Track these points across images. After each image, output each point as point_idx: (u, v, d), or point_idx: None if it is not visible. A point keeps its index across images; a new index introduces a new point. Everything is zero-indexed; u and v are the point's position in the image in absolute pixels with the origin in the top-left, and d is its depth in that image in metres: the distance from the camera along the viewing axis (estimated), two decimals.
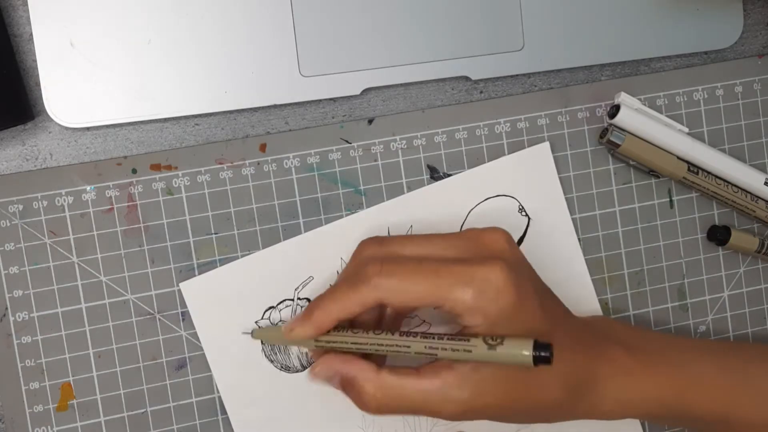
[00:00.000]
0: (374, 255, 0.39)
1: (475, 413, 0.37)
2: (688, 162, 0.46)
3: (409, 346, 0.37)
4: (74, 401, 0.43)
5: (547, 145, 0.46)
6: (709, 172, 0.47)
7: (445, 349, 0.36)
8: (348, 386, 0.38)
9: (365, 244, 0.40)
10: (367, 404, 0.38)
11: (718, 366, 0.42)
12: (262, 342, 0.44)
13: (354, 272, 0.39)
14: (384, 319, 0.41)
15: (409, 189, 0.45)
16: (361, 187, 0.45)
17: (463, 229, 0.44)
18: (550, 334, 0.37)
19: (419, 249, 0.39)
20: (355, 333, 0.38)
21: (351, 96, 0.45)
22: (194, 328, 0.43)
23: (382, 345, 0.37)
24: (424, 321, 0.45)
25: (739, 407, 0.41)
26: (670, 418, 0.43)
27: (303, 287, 0.44)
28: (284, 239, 0.44)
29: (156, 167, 0.43)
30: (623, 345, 0.41)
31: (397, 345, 0.37)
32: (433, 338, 0.36)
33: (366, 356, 0.39)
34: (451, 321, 0.38)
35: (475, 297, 0.36)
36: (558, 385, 0.38)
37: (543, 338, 0.35)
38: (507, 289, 0.36)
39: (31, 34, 0.42)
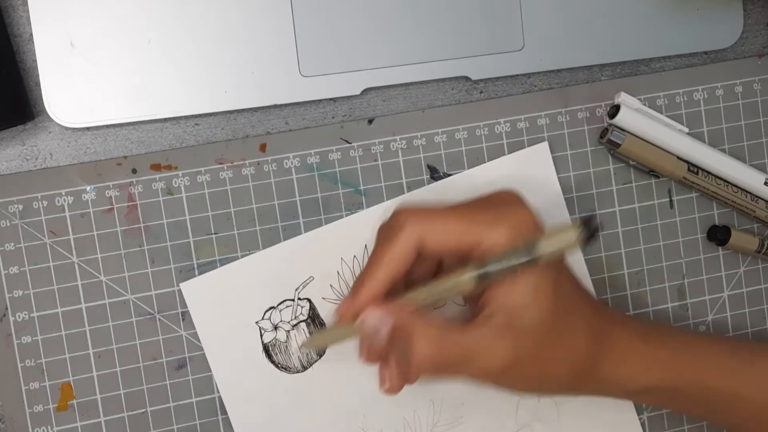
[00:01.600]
0: (404, 209, 0.39)
1: (511, 371, 0.37)
2: (688, 162, 0.46)
3: (464, 274, 0.36)
4: (74, 401, 0.43)
5: (546, 144, 0.46)
6: (709, 172, 0.47)
7: (500, 262, 0.36)
8: (399, 336, 0.37)
9: (395, 209, 0.39)
10: (416, 358, 0.36)
11: (728, 349, 0.43)
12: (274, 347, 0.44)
13: (386, 230, 0.39)
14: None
15: (409, 189, 0.45)
16: (361, 187, 0.45)
17: None
18: (574, 288, 0.39)
19: (447, 205, 0.39)
20: (407, 291, 0.38)
21: (351, 96, 0.45)
22: (194, 328, 0.43)
23: (435, 289, 0.37)
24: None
25: (746, 387, 0.42)
26: (679, 396, 0.43)
27: (303, 287, 0.44)
28: (284, 239, 0.44)
29: (156, 167, 0.43)
30: (635, 321, 0.42)
31: (451, 279, 0.36)
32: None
33: None
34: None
35: (509, 233, 0.36)
36: (585, 336, 0.39)
37: (566, 287, 0.38)
38: (536, 224, 0.37)
39: (31, 34, 0.42)
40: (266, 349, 0.44)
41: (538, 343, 0.37)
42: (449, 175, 0.45)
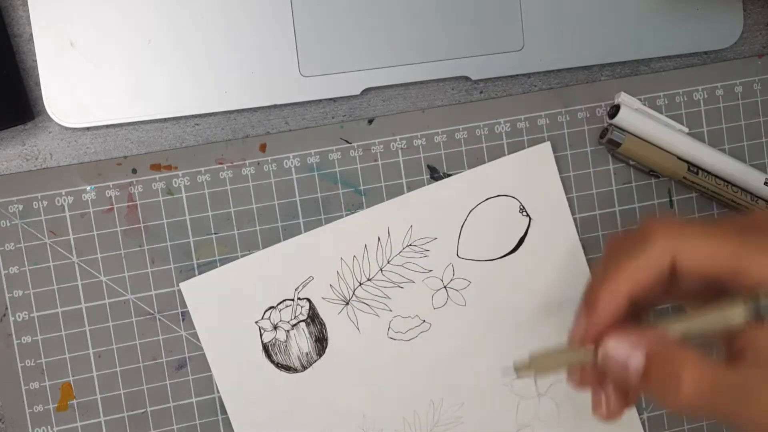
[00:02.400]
0: (656, 220, 0.33)
1: None
2: (688, 162, 0.46)
3: (735, 308, 0.30)
4: (74, 401, 0.43)
5: (548, 145, 0.46)
6: (709, 172, 0.47)
7: None
8: (656, 369, 0.31)
9: (644, 221, 0.34)
10: (687, 394, 0.30)
11: None
12: (266, 351, 0.44)
13: (626, 241, 0.33)
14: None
15: (409, 189, 0.45)
16: (361, 187, 0.45)
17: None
18: None
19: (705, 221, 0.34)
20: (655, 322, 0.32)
21: (351, 96, 0.45)
22: (194, 328, 0.43)
23: (696, 322, 0.31)
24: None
25: None
26: None
27: (303, 287, 0.44)
28: (284, 239, 0.44)
29: (156, 167, 0.43)
30: None
31: (718, 313, 0.31)
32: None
33: None
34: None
35: None
36: None
37: None
38: None
39: (31, 34, 0.42)
40: (266, 348, 0.44)
41: None
42: (449, 175, 0.45)
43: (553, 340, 0.38)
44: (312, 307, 0.44)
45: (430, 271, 0.45)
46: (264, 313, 0.44)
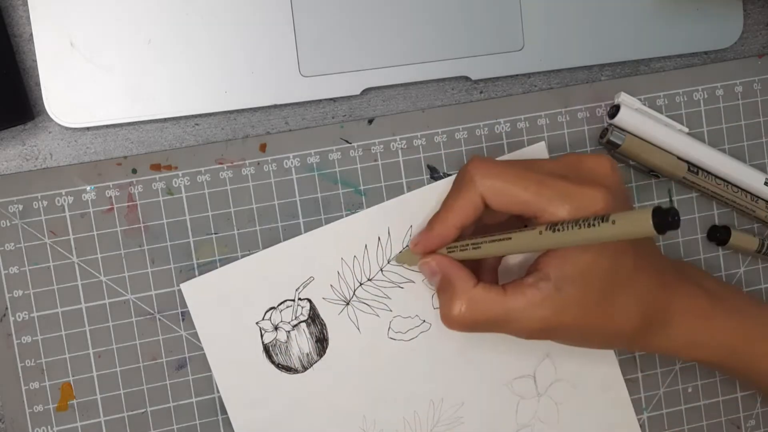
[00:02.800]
0: (480, 159, 0.39)
1: (550, 332, 0.39)
2: (688, 162, 0.46)
3: (533, 230, 0.36)
4: (74, 401, 0.43)
5: (543, 144, 0.46)
6: (709, 172, 0.47)
7: (570, 228, 0.35)
8: (443, 290, 0.40)
9: (473, 156, 0.41)
10: (450, 315, 0.39)
11: None
12: (264, 342, 0.44)
13: (459, 178, 0.40)
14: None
15: (409, 189, 0.45)
16: (361, 187, 0.45)
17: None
18: (636, 263, 0.38)
19: (527, 164, 0.39)
20: (475, 237, 0.39)
21: (351, 96, 0.45)
22: (194, 328, 0.43)
23: (502, 238, 0.37)
24: None
25: None
26: (729, 368, 0.44)
27: (303, 287, 0.44)
28: (284, 239, 0.44)
29: (156, 167, 0.43)
30: (703, 289, 0.42)
31: (518, 235, 0.37)
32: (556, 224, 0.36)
33: (475, 270, 0.40)
34: None
35: (571, 214, 0.36)
36: (636, 311, 0.39)
37: (627, 265, 0.37)
38: (606, 210, 0.36)
39: (31, 34, 0.42)
40: (266, 349, 0.44)
41: (581, 314, 0.38)
42: (449, 175, 0.45)
43: None
44: (312, 308, 0.44)
45: None
46: (264, 313, 0.44)
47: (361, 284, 0.44)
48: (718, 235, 0.47)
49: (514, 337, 0.39)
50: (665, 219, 0.30)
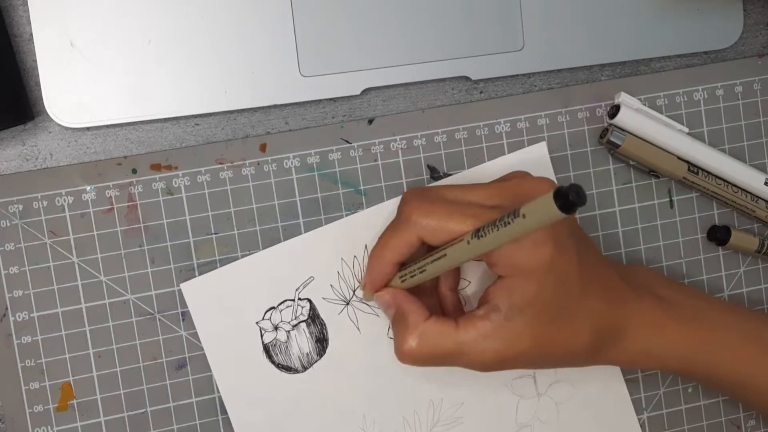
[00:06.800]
0: (415, 197, 0.40)
1: (504, 363, 0.38)
2: (688, 162, 0.46)
3: (462, 242, 0.37)
4: (74, 401, 0.43)
5: (544, 144, 0.46)
6: (709, 172, 0.47)
7: (491, 231, 0.35)
8: (397, 323, 0.40)
9: (408, 191, 0.41)
10: (402, 349, 0.39)
11: (745, 334, 0.43)
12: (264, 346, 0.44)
13: (397, 216, 0.40)
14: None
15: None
16: (361, 187, 0.45)
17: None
18: (582, 286, 0.38)
19: (461, 194, 0.39)
20: (419, 261, 0.39)
21: (351, 96, 0.45)
22: (194, 328, 0.43)
23: (439, 257, 0.38)
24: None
25: (759, 376, 0.42)
26: (689, 375, 0.44)
27: (303, 287, 0.44)
28: (284, 239, 0.44)
29: (156, 167, 0.43)
30: (658, 297, 0.42)
31: (451, 250, 0.37)
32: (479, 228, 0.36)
33: (428, 301, 0.41)
34: (490, 274, 0.40)
35: (511, 248, 0.37)
36: (587, 331, 0.39)
37: (573, 289, 0.38)
38: (545, 243, 0.37)
39: (31, 34, 0.42)
40: (266, 349, 0.44)
41: (534, 342, 0.38)
42: (449, 174, 0.45)
43: None
44: (312, 308, 0.44)
45: None
46: (264, 313, 0.44)
47: (361, 284, 0.44)
48: (718, 235, 0.47)
49: None
50: (567, 199, 0.30)
